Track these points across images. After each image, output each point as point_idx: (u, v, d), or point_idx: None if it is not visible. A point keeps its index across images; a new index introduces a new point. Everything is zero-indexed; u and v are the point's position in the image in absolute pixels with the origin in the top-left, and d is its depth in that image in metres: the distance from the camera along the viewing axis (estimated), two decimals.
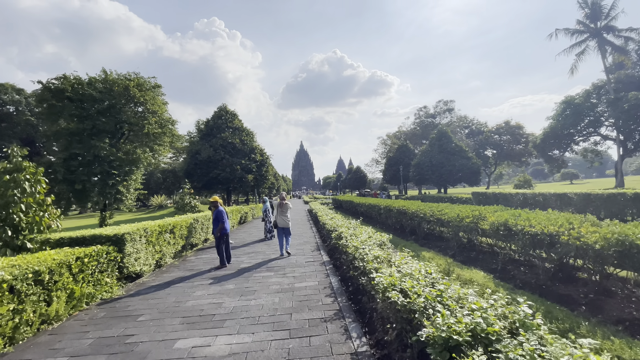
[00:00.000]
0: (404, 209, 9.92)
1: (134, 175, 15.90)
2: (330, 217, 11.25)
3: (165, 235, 8.22)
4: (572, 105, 38.14)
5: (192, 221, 10.42)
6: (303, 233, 12.66)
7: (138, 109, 16.01)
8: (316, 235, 11.93)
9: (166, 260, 8.25)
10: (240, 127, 35.03)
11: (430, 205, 9.29)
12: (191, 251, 10.17)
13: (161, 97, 17.58)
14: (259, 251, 9.27)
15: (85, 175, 14.96)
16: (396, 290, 3.02)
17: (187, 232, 9.95)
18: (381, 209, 12.79)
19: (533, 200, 16.39)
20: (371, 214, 15.19)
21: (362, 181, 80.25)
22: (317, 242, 10.20)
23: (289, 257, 8.01)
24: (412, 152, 50.56)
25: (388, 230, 11.96)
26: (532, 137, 40.53)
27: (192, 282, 6.19)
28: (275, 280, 5.91)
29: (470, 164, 32.52)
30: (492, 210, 6.82)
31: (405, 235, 10.30)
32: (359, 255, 4.75)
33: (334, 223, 9.17)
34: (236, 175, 30.54)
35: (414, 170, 35.66)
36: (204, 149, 30.71)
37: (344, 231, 7.19)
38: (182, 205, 19.79)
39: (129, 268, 6.44)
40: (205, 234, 11.71)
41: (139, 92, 15.30)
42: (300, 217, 21.24)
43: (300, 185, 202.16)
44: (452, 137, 35.00)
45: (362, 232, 6.74)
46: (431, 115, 77.17)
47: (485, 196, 21.27)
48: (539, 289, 4.61)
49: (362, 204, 17.00)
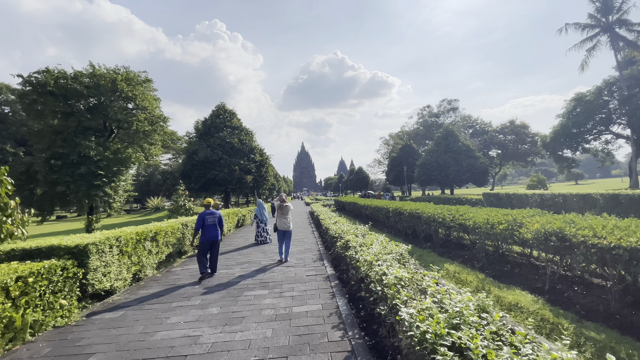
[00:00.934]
0: (418, 212, 8.85)
1: (123, 176, 14.90)
2: (334, 221, 10.21)
3: (145, 244, 7.19)
4: (582, 102, 36.96)
5: (181, 226, 9.40)
6: (304, 239, 11.60)
7: (128, 105, 15.03)
8: (318, 241, 10.88)
9: (146, 273, 7.21)
10: (239, 126, 34.02)
11: (448, 209, 8.21)
12: (180, 259, 9.13)
13: (153, 93, 16.59)
14: (253, 260, 8.22)
15: (70, 176, 13.97)
16: (446, 346, 1.97)
17: (175, 239, 8.92)
18: (389, 211, 11.72)
19: (552, 202, 15.28)
20: (378, 217, 14.11)
21: (364, 182, 79.14)
22: (319, 250, 9.15)
23: (287, 270, 6.96)
24: (416, 152, 49.44)
25: (398, 236, 10.90)
26: (542, 136, 39.38)
27: (169, 303, 5.15)
28: (270, 302, 4.86)
29: (478, 164, 31.37)
30: (528, 215, 5.75)
31: (419, 242, 9.23)
32: (374, 275, 3.70)
33: (338, 228, 8.12)
34: (234, 176, 29.52)
35: (419, 170, 34.52)
36: (201, 149, 29.72)
37: (352, 239, 6.14)
38: (177, 208, 18.80)
39: (96, 285, 5.40)
40: (197, 240, 10.68)
41: (128, 86, 14.30)
42: (301, 219, 20.18)
43: (302, 187, 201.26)
44: (458, 136, 33.87)
45: (374, 241, 5.69)
46: (435, 115, 76.02)
47: (497, 197, 20.17)
48: (612, 319, 3.53)
49: (367, 206, 15.93)
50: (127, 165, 14.79)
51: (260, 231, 10.95)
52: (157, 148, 15.88)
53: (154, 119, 15.08)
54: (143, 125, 14.65)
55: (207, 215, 6.84)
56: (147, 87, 15.56)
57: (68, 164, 14.06)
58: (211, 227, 6.79)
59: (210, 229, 6.77)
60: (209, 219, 6.81)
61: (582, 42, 36.45)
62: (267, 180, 35.08)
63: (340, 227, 8.31)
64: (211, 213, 6.91)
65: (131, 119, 14.10)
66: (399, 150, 52.08)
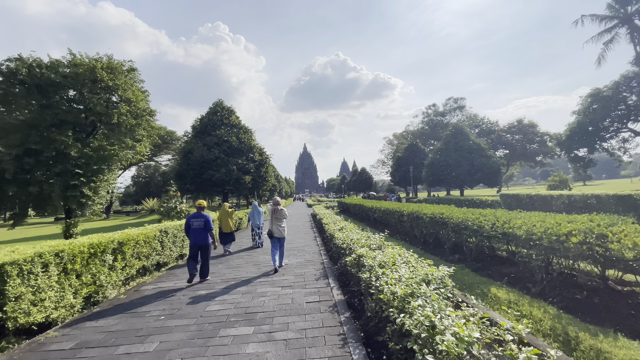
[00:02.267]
0: (443, 217, 7.36)
1: (105, 176, 13.53)
2: (339, 226, 8.76)
3: (104, 258, 5.77)
4: (599, 98, 35.23)
5: (158, 233, 7.97)
6: (305, 247, 10.14)
7: (111, 97, 13.64)
8: (322, 250, 9.41)
9: (106, 294, 5.79)
10: (238, 124, 32.62)
11: (482, 213, 6.72)
12: (158, 273, 7.71)
13: (140, 85, 15.18)
14: (242, 276, 6.77)
15: (44, 176, 12.62)
16: None
17: (150, 249, 7.51)
18: (404, 215, 10.24)
19: (583, 203, 13.72)
20: (389, 221, 12.63)
21: (368, 183, 77.59)
22: (322, 262, 7.68)
23: (283, 292, 5.51)
24: (422, 151, 47.88)
25: (414, 244, 9.41)
26: (556, 135, 37.59)
27: (116, 347, 3.71)
28: (254, 352, 3.40)
29: (490, 163, 29.77)
30: (606, 224, 4.26)
31: (443, 252, 7.74)
32: (416, 328, 2.24)
33: (345, 237, 6.69)
34: (232, 176, 28.11)
35: (427, 170, 32.95)
36: (196, 147, 28.38)
37: (365, 254, 4.71)
38: (167, 211, 17.47)
39: (20, 319, 3.99)
40: (180, 249, 9.28)
41: (108, 75, 12.90)
42: (302, 223, 18.72)
43: (304, 188, 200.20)
44: (468, 134, 32.28)
45: (396, 257, 4.25)
46: (440, 114, 74.35)
47: (516, 199, 18.61)
48: None
49: (376, 208, 14.44)
50: (110, 164, 13.41)
51: (253, 235, 10.69)
52: (142, 145, 14.49)
53: (139, 112, 13.68)
54: (128, 120, 13.24)
55: (193, 218, 6.64)
56: (131, 78, 14.19)
57: (42, 161, 12.69)
58: (198, 231, 6.55)
59: (197, 232, 6.54)
60: (195, 223, 6.58)
61: (600, 34, 34.80)
62: (267, 181, 33.63)
63: (348, 235, 6.86)
64: (197, 216, 6.66)
65: (112, 112, 12.69)
66: (404, 149, 50.55)
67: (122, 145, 13.13)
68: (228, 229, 9.88)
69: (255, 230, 10.57)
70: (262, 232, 10.72)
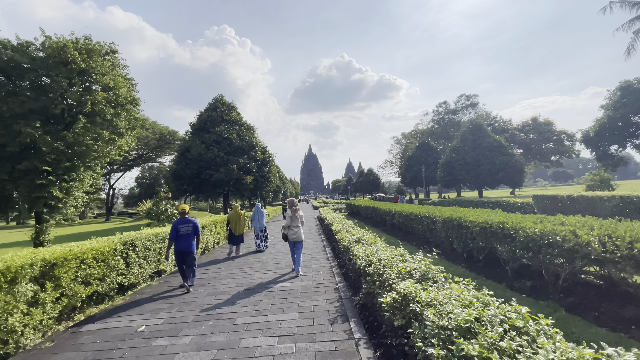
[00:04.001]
0: (505, 227, 5.36)
1: (81, 175, 11.79)
2: (355, 236, 6.86)
3: (17, 289, 3.94)
4: (630, 91, 32.78)
5: (121, 247, 6.14)
6: (312, 261, 8.24)
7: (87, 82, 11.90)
8: (333, 266, 7.49)
9: (21, 341, 3.95)
10: (239, 120, 30.84)
11: (568, 222, 4.73)
12: (116, 300, 5.87)
13: (124, 72, 13.40)
14: (225, 311, 4.87)
15: (6, 174, 10.93)
16: None
17: (106, 270, 5.68)
18: (437, 222, 8.25)
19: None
20: (413, 228, 10.64)
21: (375, 184, 75.43)
22: (337, 288, 5.76)
23: (277, 358, 3.58)
24: (435, 150, 45.61)
25: (454, 260, 7.43)
26: (584, 132, 35.11)
27: None
28: None
29: (513, 162, 27.48)
30: None
31: (503, 276, 5.76)
32: None
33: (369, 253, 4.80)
34: (232, 176, 26.30)
35: (442, 170, 30.75)
36: (194, 145, 26.69)
37: (415, 293, 2.81)
38: (156, 214, 15.72)
39: None
40: (156, 264, 7.45)
41: (80, 55, 11.15)
42: (307, 228, 16.80)
43: (309, 189, 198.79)
44: (488, 131, 30.04)
45: (472, 300, 2.33)
46: (452, 112, 71.75)
47: (553, 200, 16.41)
48: None
49: (395, 212, 12.44)
50: (86, 161, 11.65)
51: (255, 237, 10.32)
52: (124, 139, 12.67)
53: (119, 101, 11.87)
54: (105, 109, 11.41)
55: (180, 224, 6.25)
56: (111, 60, 12.41)
57: (5, 157, 11.01)
58: (185, 237, 6.21)
59: (184, 238, 6.20)
60: (183, 229, 6.22)
61: (631, 21, 32.26)
62: (269, 182, 31.76)
63: (373, 252, 4.95)
64: (185, 221, 6.28)
65: (84, 99, 10.91)
66: (415, 148, 48.31)
67: (97, 138, 11.33)
68: (239, 231, 9.71)
69: (258, 233, 10.21)
70: (264, 235, 10.39)
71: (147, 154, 52.13)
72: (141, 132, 14.33)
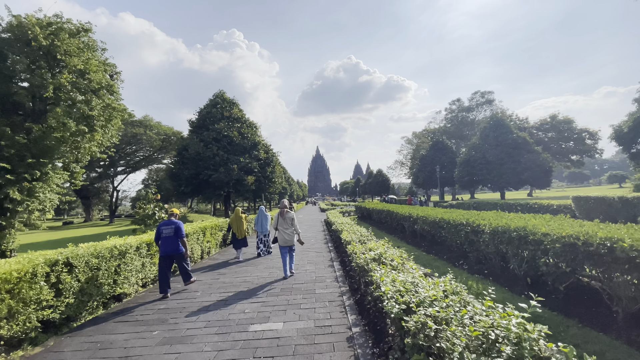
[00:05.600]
0: (616, 247, 3.40)
1: (50, 173, 10.19)
2: (373, 252, 5.01)
3: None
4: None
5: (45, 270, 4.40)
6: (316, 281, 6.37)
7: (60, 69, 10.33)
8: (343, 289, 5.60)
9: None
10: (241, 117, 29.22)
11: None
12: (45, 339, 4.11)
13: (102, 56, 11.80)
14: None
15: None
16: None
17: (15, 304, 3.95)
18: (483, 232, 6.28)
19: None
20: (442, 237, 8.66)
21: (385, 186, 73.12)
22: (350, 333, 3.88)
23: None
24: (450, 149, 43.21)
25: (507, 284, 5.48)
26: (616, 127, 32.38)
27: None
28: None
29: (540, 160, 25.08)
30: None
31: (591, 316, 3.80)
32: None
33: (401, 288, 2.93)
34: (232, 176, 24.65)
35: (461, 169, 28.48)
36: (192, 143, 25.18)
37: None
38: (142, 218, 14.13)
39: None
40: (111, 287, 5.72)
41: (42, 31, 9.57)
42: (313, 234, 14.95)
43: (316, 191, 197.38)
44: (511, 126, 27.70)
45: None
46: (466, 109, 68.94)
47: (600, 203, 14.14)
48: None
49: (419, 218, 10.44)
50: (54, 157, 10.04)
51: (257, 242, 10.08)
52: (99, 132, 10.98)
53: (91, 86, 10.25)
54: (72, 94, 9.79)
55: (163, 226, 6.21)
56: (81, 39, 10.79)
57: None
58: (168, 240, 6.09)
59: (167, 241, 6.09)
60: (165, 231, 6.15)
61: None
62: (273, 182, 30.00)
63: (407, 285, 3.10)
64: (167, 224, 6.21)
65: (46, 82, 9.33)
66: (429, 147, 45.96)
67: (61, 130, 9.68)
68: (241, 234, 9.69)
69: (261, 237, 9.98)
70: (268, 240, 10.14)
71: (152, 155, 51.31)
72: (120, 125, 12.62)
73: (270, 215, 10.48)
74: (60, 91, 9.74)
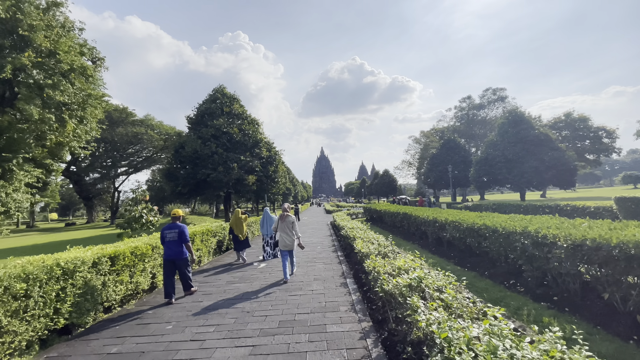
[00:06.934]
0: None
1: (16, 170, 8.85)
2: (408, 275, 3.42)
3: None
4: None
5: None
6: (327, 312, 4.85)
7: (26, 48, 8.99)
8: (365, 324, 4.02)
9: None
10: (242, 113, 27.80)
11: None
12: None
13: (79, 37, 10.44)
14: None
15: None
16: None
17: None
18: (554, 245, 4.68)
19: None
20: (481, 248, 7.06)
21: (392, 186, 71.35)
22: None
23: None
24: (462, 148, 41.36)
25: (601, 324, 3.85)
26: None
27: None
28: None
29: (565, 158, 23.24)
30: None
31: None
32: None
33: (467, 346, 1.35)
34: (232, 176, 23.23)
35: (477, 168, 26.69)
36: (189, 140, 23.83)
37: None
38: (129, 221, 12.75)
39: None
40: (47, 320, 4.24)
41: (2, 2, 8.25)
42: (318, 239, 13.40)
43: (321, 192, 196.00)
44: (532, 122, 25.86)
45: None
46: (477, 107, 66.81)
47: None
48: None
49: (446, 223, 8.80)
50: (20, 150, 8.74)
51: (264, 245, 9.81)
52: (72, 124, 9.55)
53: (59, 68, 8.88)
54: (36, 75, 8.41)
55: (166, 230, 6.09)
56: (51, 13, 9.44)
57: None
58: (171, 244, 5.99)
59: (171, 245, 5.99)
60: (169, 235, 6.03)
61: None
62: (275, 182, 28.52)
63: (480, 348, 1.50)
64: (171, 227, 6.08)
65: (2, 62, 7.99)
66: (440, 146, 44.12)
67: (23, 120, 8.30)
68: (242, 235, 9.47)
69: (267, 240, 9.75)
70: (273, 243, 9.87)
71: (154, 155, 50.41)
72: (100, 115, 11.20)
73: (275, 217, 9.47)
74: (22, 72, 8.36)
